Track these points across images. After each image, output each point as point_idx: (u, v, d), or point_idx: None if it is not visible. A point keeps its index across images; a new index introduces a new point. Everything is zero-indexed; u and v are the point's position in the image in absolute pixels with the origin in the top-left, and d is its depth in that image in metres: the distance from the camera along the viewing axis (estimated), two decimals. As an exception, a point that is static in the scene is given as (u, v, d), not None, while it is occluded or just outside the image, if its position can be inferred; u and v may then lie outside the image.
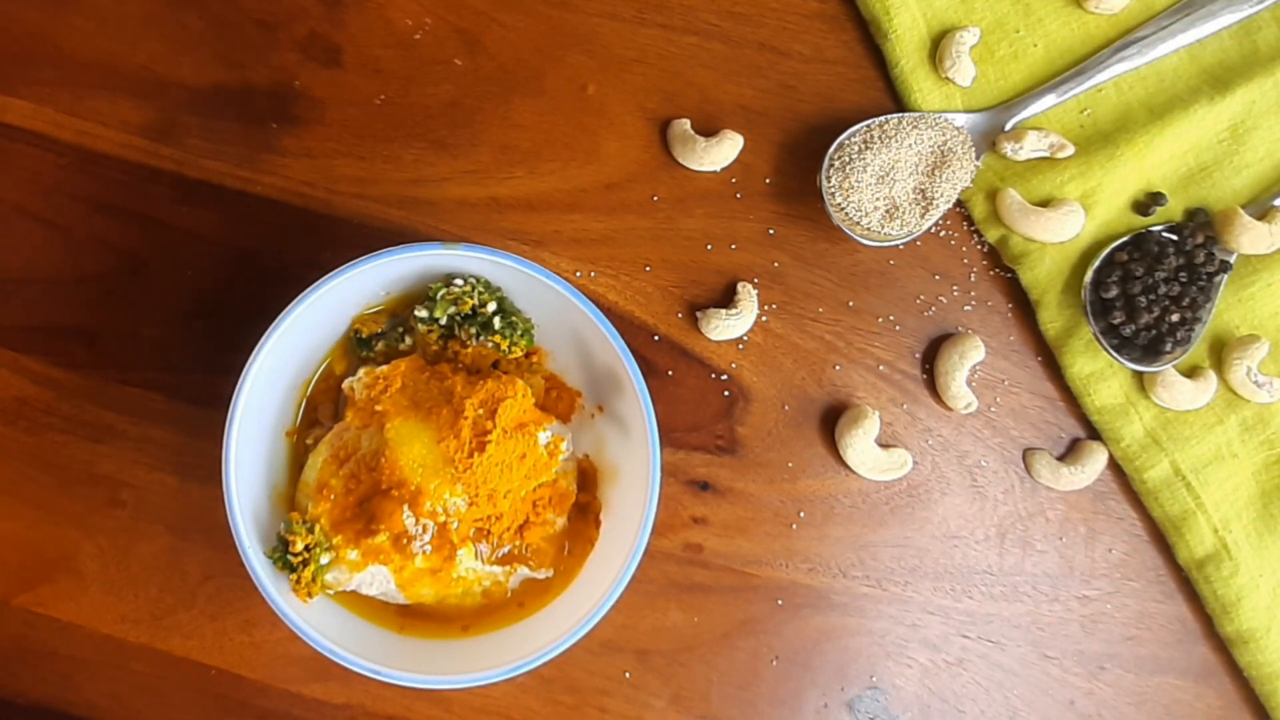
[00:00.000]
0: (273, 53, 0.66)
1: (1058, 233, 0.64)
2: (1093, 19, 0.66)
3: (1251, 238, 0.63)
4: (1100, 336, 0.63)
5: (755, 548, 0.64)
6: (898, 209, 0.63)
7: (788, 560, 0.64)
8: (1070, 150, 0.64)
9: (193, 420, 0.63)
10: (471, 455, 0.55)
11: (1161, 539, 0.65)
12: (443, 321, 0.59)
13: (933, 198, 0.63)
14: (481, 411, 0.56)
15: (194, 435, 0.63)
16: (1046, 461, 0.65)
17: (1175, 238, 0.64)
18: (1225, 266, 0.64)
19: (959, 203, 0.66)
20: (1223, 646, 0.65)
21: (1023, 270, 0.65)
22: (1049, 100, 0.65)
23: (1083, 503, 0.65)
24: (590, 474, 0.61)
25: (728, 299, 0.65)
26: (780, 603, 0.64)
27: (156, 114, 0.65)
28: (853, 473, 0.64)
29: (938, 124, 0.64)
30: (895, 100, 0.67)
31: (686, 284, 0.65)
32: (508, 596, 0.59)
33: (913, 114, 0.64)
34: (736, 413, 0.65)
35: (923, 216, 0.63)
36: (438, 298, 0.58)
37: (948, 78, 0.65)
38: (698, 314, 0.65)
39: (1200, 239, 0.64)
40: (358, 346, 0.61)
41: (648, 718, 0.63)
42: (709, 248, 0.66)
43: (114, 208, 0.64)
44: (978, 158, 0.64)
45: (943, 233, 0.66)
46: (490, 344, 0.59)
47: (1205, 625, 0.65)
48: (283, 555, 0.55)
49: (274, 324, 0.56)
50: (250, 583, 0.55)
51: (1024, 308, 0.66)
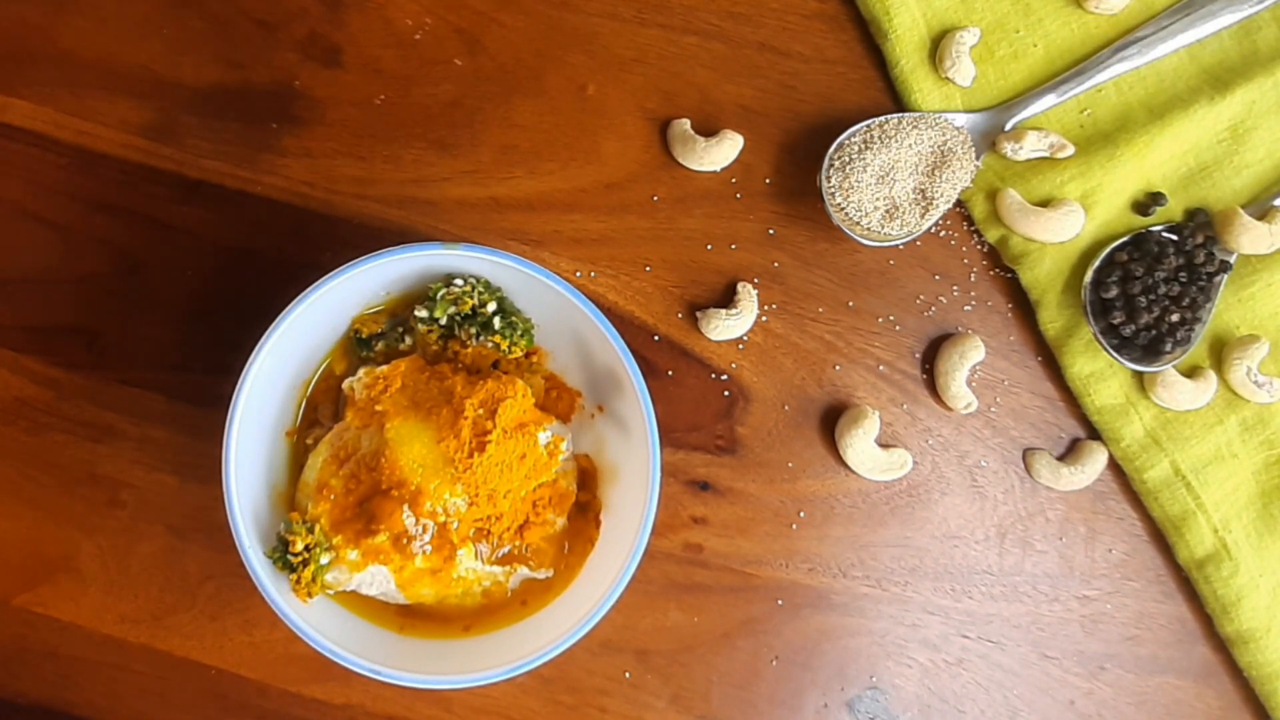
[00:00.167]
0: (273, 53, 0.66)
1: (1058, 233, 0.64)
2: (1093, 19, 0.66)
3: (1251, 238, 0.63)
4: (1100, 336, 0.63)
5: (755, 548, 0.64)
6: (898, 209, 0.63)
7: (788, 560, 0.64)
8: (1070, 150, 0.64)
9: (193, 420, 0.63)
10: (471, 455, 0.55)
11: (1161, 539, 0.65)
12: (443, 321, 0.59)
13: (933, 198, 0.63)
14: (481, 411, 0.56)
15: (194, 435, 0.63)
16: (1046, 461, 0.65)
17: (1175, 238, 0.64)
18: (1225, 266, 0.64)
19: (959, 203, 0.66)
20: (1223, 646, 0.65)
21: (1023, 270, 0.65)
22: (1049, 100, 0.65)
23: (1083, 503, 0.65)
24: (590, 473, 0.61)
25: (728, 299, 0.65)
26: (780, 603, 0.64)
27: (156, 114, 0.65)
28: (853, 473, 0.64)
29: (938, 124, 0.64)
30: (895, 100, 0.67)
31: (686, 284, 0.65)
32: (508, 596, 0.59)
33: (913, 114, 0.64)
34: (736, 413, 0.65)
35: (923, 216, 0.63)
36: (438, 298, 0.58)
37: (948, 78, 0.65)
38: (698, 314, 0.65)
39: (1200, 239, 0.64)
40: (358, 346, 0.60)
41: (648, 718, 0.63)
42: (709, 248, 0.66)
43: (114, 208, 0.64)
44: (978, 158, 0.64)
45: (943, 233, 0.66)
46: (490, 344, 0.59)
47: (1205, 625, 0.65)
48: (283, 555, 0.55)
49: (274, 324, 0.56)
50: (250, 583, 0.55)
51: (1024, 308, 0.66)
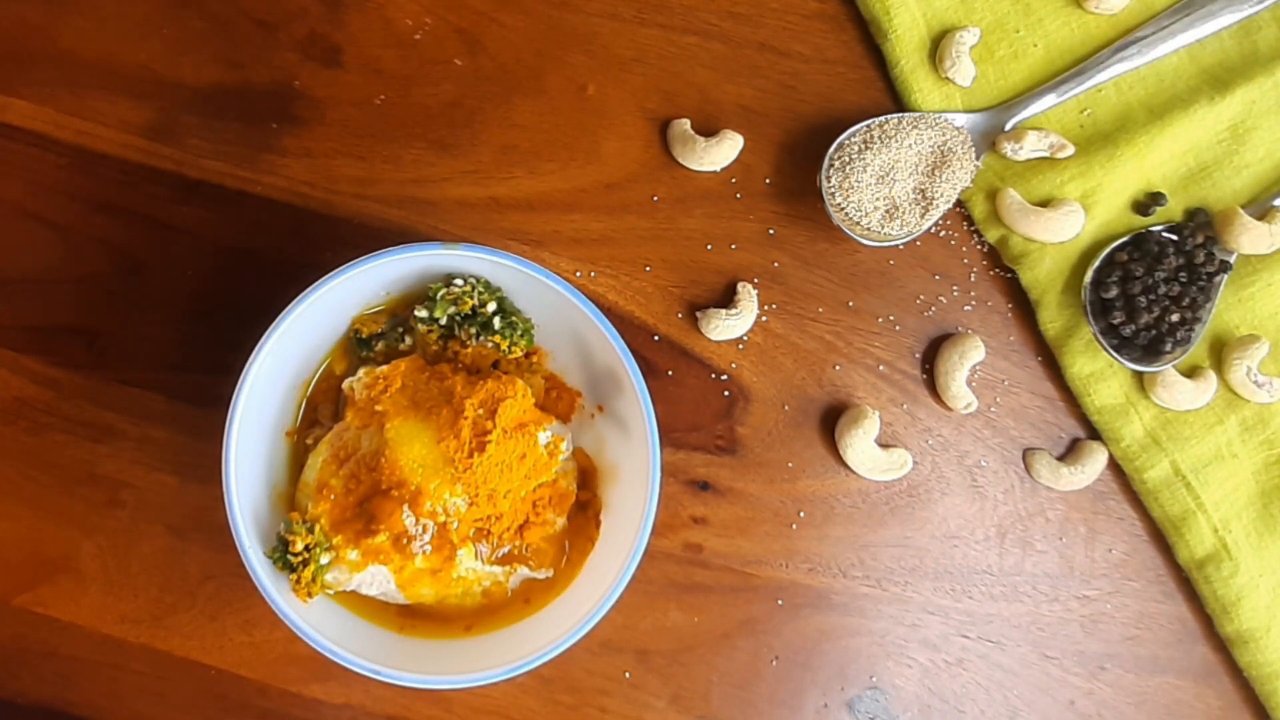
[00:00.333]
0: (273, 53, 0.65)
1: (1058, 233, 0.64)
2: (1093, 19, 0.66)
3: (1251, 238, 0.63)
4: (1100, 336, 0.63)
5: (755, 548, 0.64)
6: (898, 209, 0.63)
7: (788, 560, 0.64)
8: (1070, 150, 0.64)
9: (193, 420, 0.63)
10: (471, 455, 0.55)
11: (1161, 539, 0.65)
12: (443, 321, 0.59)
13: (933, 198, 0.63)
14: (481, 411, 0.56)
15: (194, 435, 0.63)
16: (1046, 461, 0.65)
17: (1175, 238, 0.64)
18: (1225, 266, 0.64)
19: (959, 203, 0.66)
20: (1223, 646, 0.65)
21: (1023, 270, 0.65)
22: (1049, 100, 0.65)
23: (1083, 503, 0.65)
24: (590, 472, 0.61)
25: (728, 299, 0.65)
26: (780, 603, 0.64)
27: (156, 114, 0.65)
28: (853, 473, 0.64)
29: (938, 124, 0.64)
30: (895, 100, 0.67)
31: (686, 284, 0.65)
32: (508, 596, 0.59)
33: (913, 114, 0.64)
34: (736, 413, 0.65)
35: (923, 216, 0.63)
36: (438, 298, 0.58)
37: (948, 78, 0.65)
38: (698, 314, 0.65)
39: (1200, 239, 0.64)
40: (358, 346, 0.60)
41: (648, 718, 0.63)
42: (709, 248, 0.66)
43: (114, 208, 0.64)
44: (978, 158, 0.64)
45: (943, 233, 0.66)
46: (490, 344, 0.59)
47: (1205, 625, 0.65)
48: (283, 555, 0.55)
49: (274, 324, 0.56)
50: (250, 583, 0.55)
51: (1024, 308, 0.66)
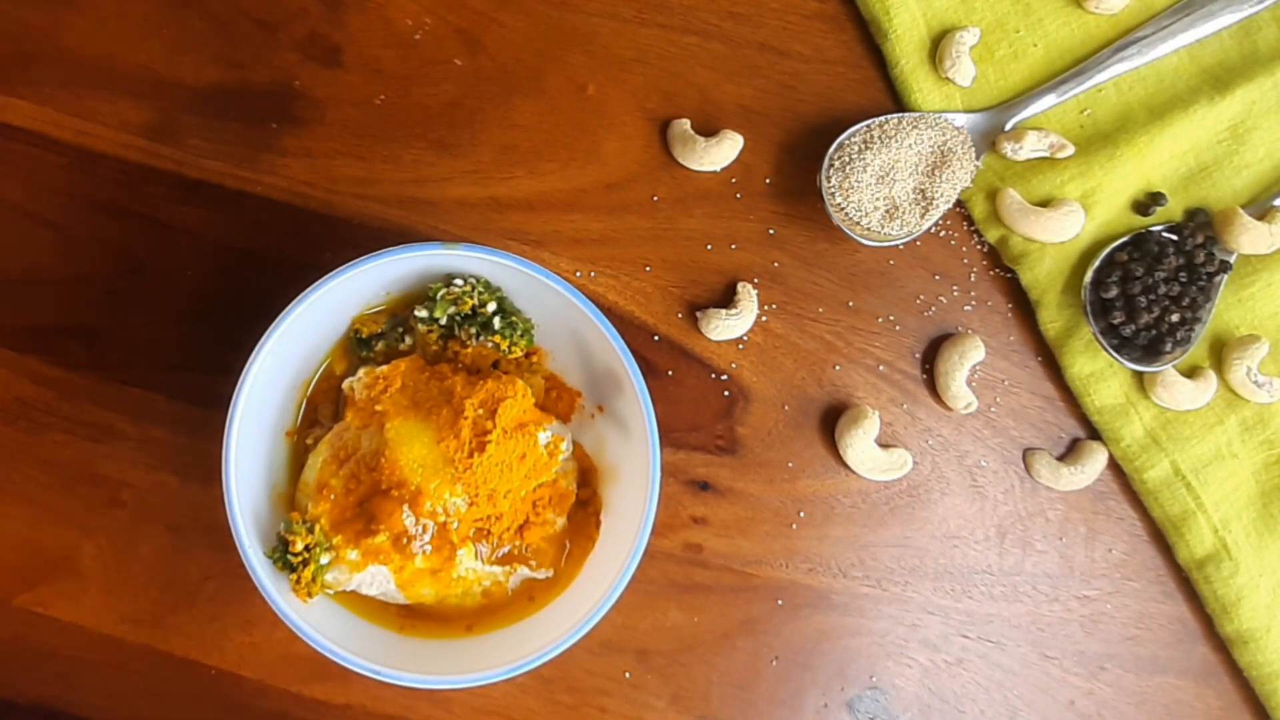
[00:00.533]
0: (273, 53, 0.65)
1: (1058, 233, 0.64)
2: (1093, 19, 0.66)
3: (1251, 238, 0.63)
4: (1100, 336, 0.63)
5: (755, 548, 0.64)
6: (898, 209, 0.63)
7: (788, 560, 0.64)
8: (1070, 150, 0.64)
9: (193, 420, 0.63)
10: (471, 455, 0.55)
11: (1161, 539, 0.65)
12: (443, 321, 0.59)
13: (933, 198, 0.63)
14: (481, 411, 0.56)
15: (194, 435, 0.63)
16: (1046, 461, 0.65)
17: (1175, 238, 0.64)
18: (1225, 266, 0.64)
19: (959, 203, 0.66)
20: (1223, 646, 0.65)
21: (1023, 270, 0.65)
22: (1049, 100, 0.65)
23: (1083, 503, 0.65)
24: (590, 471, 0.61)
25: (728, 299, 0.65)
26: (780, 603, 0.64)
27: (156, 114, 0.65)
28: (853, 473, 0.64)
29: (938, 124, 0.64)
30: (895, 100, 0.67)
31: (686, 284, 0.65)
32: (508, 596, 0.59)
33: (913, 114, 0.64)
34: (736, 413, 0.65)
35: (923, 216, 0.63)
36: (438, 298, 0.58)
37: (948, 78, 0.65)
38: (698, 314, 0.65)
39: (1200, 239, 0.64)
40: (358, 346, 0.60)
41: (648, 718, 0.63)
42: (709, 248, 0.66)
43: (114, 208, 0.64)
44: (978, 158, 0.64)
45: (943, 233, 0.66)
46: (490, 344, 0.59)
47: (1205, 625, 0.65)
48: (283, 555, 0.55)
49: (274, 324, 0.56)
50: (250, 583, 0.55)
51: (1024, 308, 0.66)
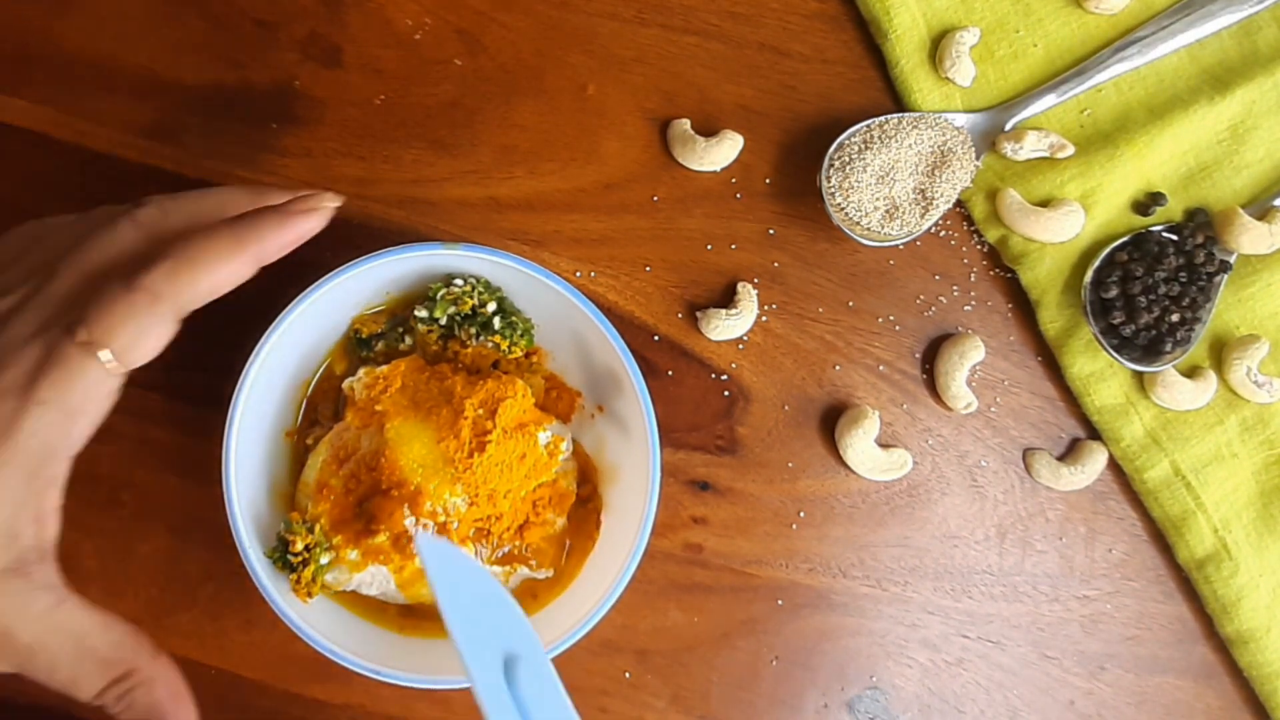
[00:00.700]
0: (273, 53, 0.65)
1: (1058, 233, 0.64)
2: (1093, 19, 0.66)
3: (1251, 238, 0.63)
4: (1100, 336, 0.63)
5: (755, 548, 0.64)
6: (898, 209, 0.63)
7: (788, 560, 0.64)
8: (1070, 150, 0.64)
9: (193, 420, 0.63)
10: (471, 455, 0.55)
11: (1161, 539, 0.65)
12: (443, 321, 0.59)
13: (933, 198, 0.63)
14: (481, 411, 0.56)
15: (194, 435, 0.63)
16: (1046, 461, 0.65)
17: (1175, 238, 0.64)
18: (1225, 266, 0.64)
19: (959, 203, 0.66)
20: (1223, 646, 0.65)
21: (1023, 270, 0.65)
22: (1049, 100, 0.65)
23: (1083, 503, 0.65)
24: (590, 470, 0.61)
25: (728, 299, 0.65)
26: (780, 603, 0.64)
27: (156, 114, 0.65)
28: (853, 473, 0.64)
29: (938, 124, 0.64)
30: (895, 100, 0.67)
31: (686, 284, 0.65)
32: (508, 596, 0.59)
33: (913, 114, 0.64)
34: (736, 413, 0.65)
35: (923, 216, 0.63)
36: (438, 298, 0.58)
37: (948, 78, 0.65)
38: (698, 314, 0.65)
39: (1200, 239, 0.64)
40: (358, 346, 0.60)
41: (648, 718, 0.63)
42: (709, 248, 0.66)
43: (114, 208, 0.64)
44: (978, 158, 0.64)
45: (943, 233, 0.66)
46: (490, 344, 0.59)
47: (1205, 625, 0.65)
48: (283, 555, 0.55)
49: (274, 324, 0.56)
50: (250, 583, 0.55)
51: (1024, 308, 0.66)
